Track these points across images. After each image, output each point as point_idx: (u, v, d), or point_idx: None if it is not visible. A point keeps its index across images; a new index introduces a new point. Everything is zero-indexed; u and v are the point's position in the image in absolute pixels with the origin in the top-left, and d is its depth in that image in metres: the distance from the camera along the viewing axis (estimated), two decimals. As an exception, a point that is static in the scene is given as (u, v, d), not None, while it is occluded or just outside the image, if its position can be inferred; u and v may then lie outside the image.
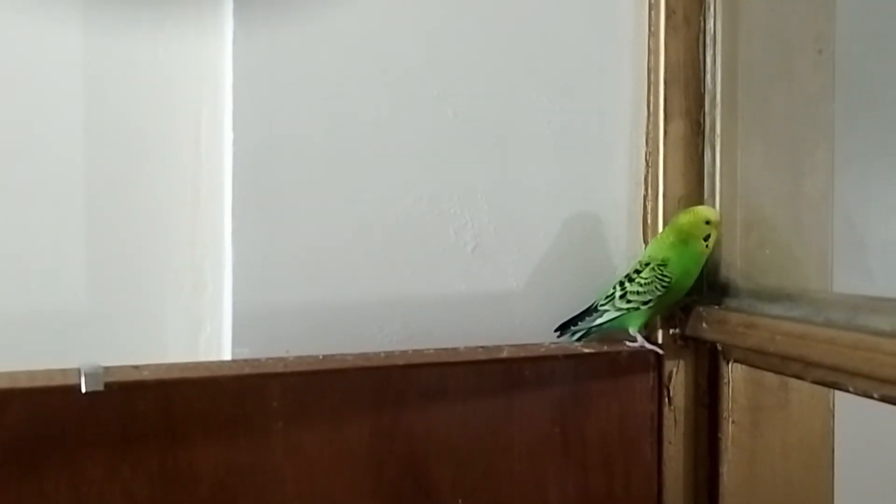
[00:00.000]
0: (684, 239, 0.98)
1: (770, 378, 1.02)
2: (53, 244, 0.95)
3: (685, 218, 0.99)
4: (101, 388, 0.76)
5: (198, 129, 0.98)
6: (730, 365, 1.02)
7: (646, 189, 1.07)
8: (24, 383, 0.76)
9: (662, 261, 0.97)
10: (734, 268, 1.03)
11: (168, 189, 0.98)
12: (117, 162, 0.96)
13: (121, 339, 0.97)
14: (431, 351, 0.94)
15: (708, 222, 0.98)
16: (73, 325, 0.95)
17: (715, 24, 1.03)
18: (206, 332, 1.00)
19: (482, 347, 0.97)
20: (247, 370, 0.84)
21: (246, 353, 0.93)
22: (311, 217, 0.96)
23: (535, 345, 1.00)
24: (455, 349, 0.96)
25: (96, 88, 0.95)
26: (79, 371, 0.79)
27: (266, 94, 0.95)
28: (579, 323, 1.01)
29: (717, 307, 1.00)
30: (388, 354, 0.92)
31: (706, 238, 0.98)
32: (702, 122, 1.05)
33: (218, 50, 0.98)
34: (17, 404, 0.74)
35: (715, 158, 1.04)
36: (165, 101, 0.97)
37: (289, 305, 0.96)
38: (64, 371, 0.80)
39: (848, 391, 0.81)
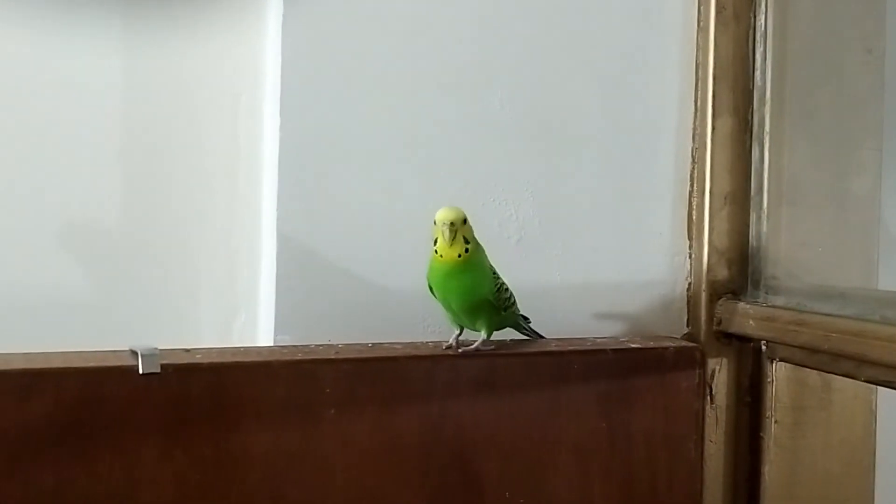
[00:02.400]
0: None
1: (814, 377, 1.02)
2: (90, 231, 0.94)
3: None
4: (157, 369, 0.75)
5: (236, 118, 0.98)
6: (774, 364, 1.01)
7: (691, 185, 1.07)
8: (77, 363, 0.75)
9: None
10: (779, 265, 1.03)
11: (204, 178, 0.97)
12: (154, 150, 0.96)
13: (156, 324, 0.97)
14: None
15: (435, 223, 0.84)
16: (106, 310, 0.94)
17: (766, 20, 1.03)
18: (241, 319, 0.99)
19: (529, 340, 0.96)
20: (299, 356, 0.83)
21: (287, 341, 0.93)
22: (354, 206, 0.96)
23: (581, 339, 0.99)
24: (503, 341, 0.95)
25: (135, 78, 0.95)
26: (132, 352, 0.78)
27: (313, 82, 0.94)
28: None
29: (763, 305, 1.00)
30: (437, 344, 0.91)
31: (435, 242, 0.84)
32: (750, 118, 1.04)
33: (258, 37, 0.98)
34: (73, 384, 0.74)
35: (763, 155, 1.03)
36: (203, 90, 0.97)
37: (330, 295, 0.95)
38: (115, 353, 0.80)
39: (902, 389, 0.81)
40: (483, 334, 0.88)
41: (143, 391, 0.75)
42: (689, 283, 1.07)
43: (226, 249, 0.98)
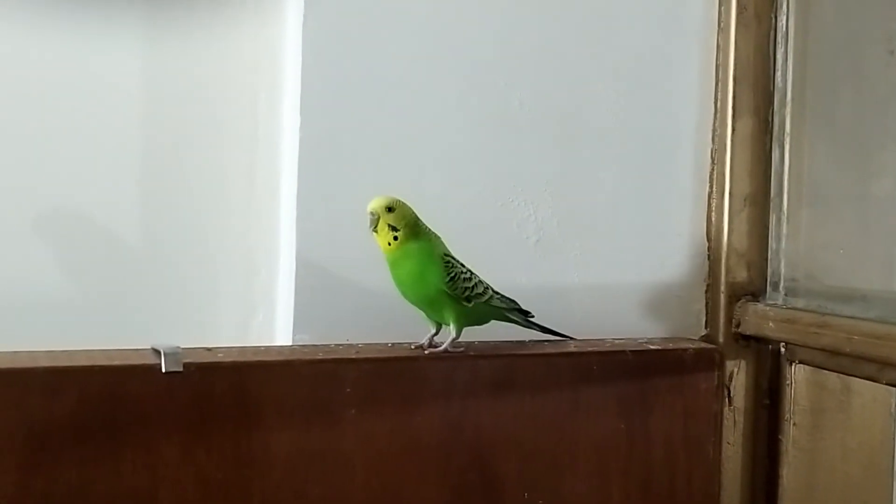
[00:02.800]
0: None
1: (833, 380, 1.01)
2: (109, 230, 0.94)
3: None
4: (180, 368, 0.75)
5: (255, 116, 0.98)
6: (793, 366, 1.01)
7: (710, 186, 1.07)
8: (101, 361, 0.75)
9: None
10: (799, 267, 1.02)
11: (222, 177, 0.98)
12: (173, 149, 0.96)
13: (174, 324, 0.97)
14: (498, 343, 0.93)
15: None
16: (125, 309, 0.95)
17: (787, 21, 1.03)
18: (258, 318, 0.99)
19: (548, 341, 0.96)
20: (320, 355, 0.83)
21: (306, 340, 0.93)
22: (374, 206, 0.96)
23: (600, 340, 0.99)
24: (521, 342, 0.95)
25: (154, 77, 0.95)
26: (154, 351, 0.79)
27: (333, 82, 0.94)
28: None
29: (783, 307, 0.99)
30: (456, 343, 0.91)
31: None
32: (770, 120, 1.04)
33: (277, 35, 0.98)
34: (97, 382, 0.74)
35: (784, 157, 1.03)
36: (222, 88, 0.97)
37: (349, 294, 0.95)
38: (138, 351, 0.80)
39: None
40: (452, 332, 0.87)
41: (166, 390, 0.76)
42: (708, 285, 1.07)
43: (244, 249, 0.99)
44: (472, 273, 0.88)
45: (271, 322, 0.99)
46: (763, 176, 1.04)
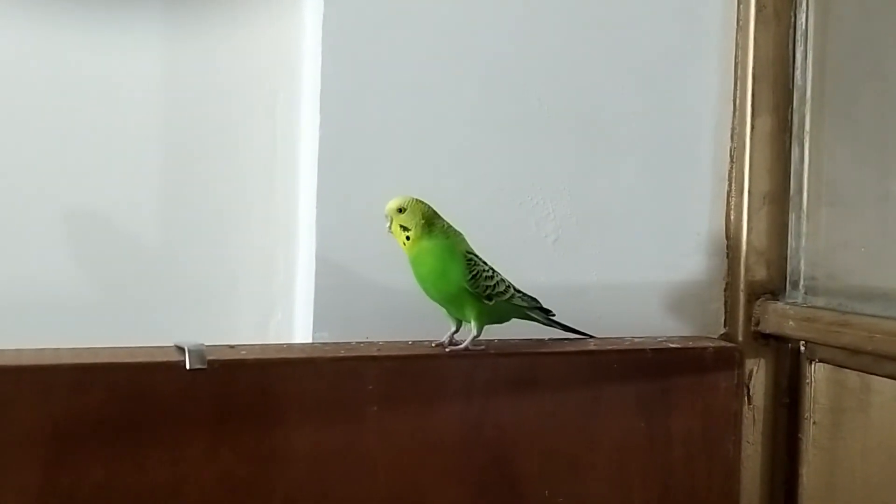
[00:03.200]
0: None
1: (853, 379, 1.01)
2: (127, 228, 0.95)
3: None
4: (204, 365, 0.75)
5: (273, 115, 0.98)
6: (813, 365, 1.00)
7: (729, 185, 1.06)
8: (126, 359, 0.76)
9: None
10: (818, 266, 1.02)
11: (241, 177, 0.98)
12: (191, 149, 0.96)
13: (193, 322, 0.97)
14: (518, 341, 0.93)
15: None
16: (143, 309, 0.95)
17: (806, 19, 1.02)
18: (276, 317, 1.00)
19: (568, 339, 0.96)
20: (342, 353, 0.83)
21: (326, 338, 0.93)
22: (393, 204, 0.96)
23: (620, 338, 0.99)
24: (541, 340, 0.95)
25: (173, 76, 0.95)
26: (178, 348, 0.79)
27: (352, 80, 0.94)
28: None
29: (803, 305, 0.99)
30: (476, 342, 0.91)
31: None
32: (790, 118, 1.04)
33: (295, 36, 0.98)
34: (122, 378, 0.74)
35: (803, 155, 1.02)
36: (240, 88, 0.98)
37: (368, 292, 0.95)
38: (161, 348, 0.80)
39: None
40: (473, 330, 0.87)
41: (190, 387, 0.76)
42: (727, 283, 1.07)
43: (262, 248, 0.99)
44: (494, 271, 0.88)
45: (290, 321, 1.00)
46: (782, 174, 1.04)
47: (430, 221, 0.85)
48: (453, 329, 0.89)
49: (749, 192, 1.04)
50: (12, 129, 0.91)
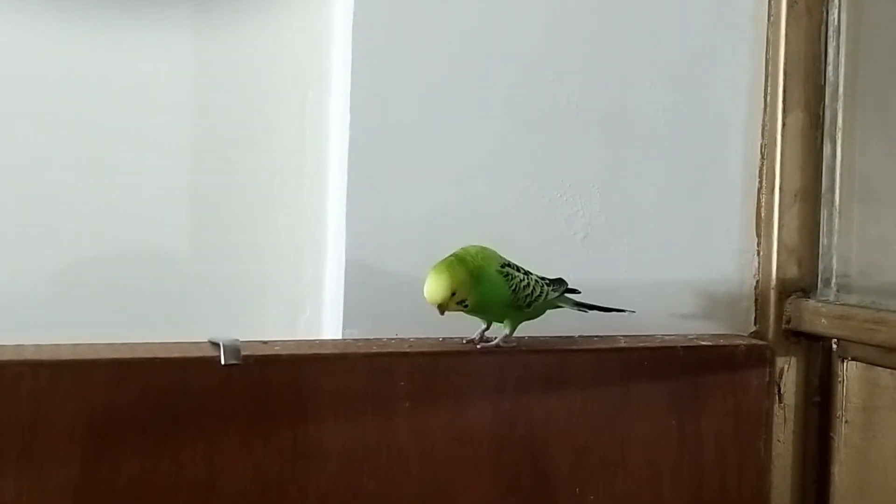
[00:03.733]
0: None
1: (885, 377, 1.00)
2: (157, 226, 0.95)
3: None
4: (239, 361, 0.76)
5: (302, 114, 0.99)
6: (845, 363, 0.99)
7: (760, 182, 1.06)
8: (161, 353, 0.76)
9: None
10: (851, 263, 1.01)
11: (270, 175, 0.98)
12: (221, 148, 0.97)
13: (221, 319, 0.98)
14: (549, 338, 0.93)
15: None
16: (172, 306, 0.96)
17: (839, 14, 1.01)
18: (305, 314, 1.00)
19: (598, 336, 0.96)
20: (374, 349, 0.84)
21: (356, 334, 0.93)
22: (422, 202, 0.96)
23: (650, 336, 0.98)
24: (570, 337, 0.95)
25: (203, 76, 0.96)
26: (213, 344, 0.79)
27: (383, 78, 0.95)
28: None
29: (835, 303, 0.98)
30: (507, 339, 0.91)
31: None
32: (821, 114, 1.03)
33: (325, 35, 0.98)
34: (157, 374, 0.75)
35: (835, 152, 1.02)
36: (270, 87, 0.98)
37: (398, 289, 0.95)
38: (196, 344, 0.81)
39: None
40: (506, 330, 0.87)
41: (225, 382, 0.76)
42: (757, 281, 1.06)
43: (291, 245, 0.99)
44: (526, 275, 0.87)
45: (318, 318, 1.00)
46: (814, 171, 1.03)
47: (472, 276, 0.82)
48: (484, 326, 0.89)
49: (780, 188, 1.03)
50: (44, 130, 0.92)
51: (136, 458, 0.74)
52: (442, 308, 0.81)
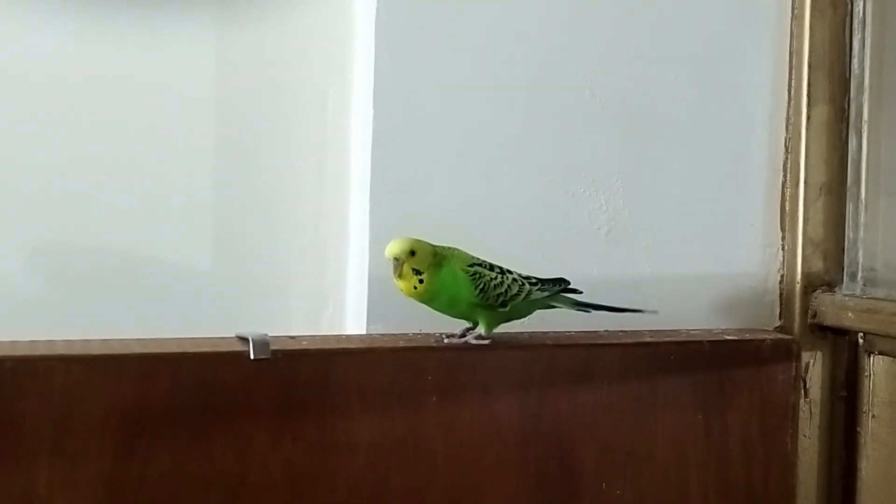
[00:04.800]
0: None
1: (913, 371, 0.99)
2: (182, 223, 0.96)
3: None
4: (268, 355, 0.76)
5: (324, 112, 0.99)
6: (872, 357, 0.99)
7: (784, 176, 1.05)
8: (191, 348, 0.77)
9: None
10: (877, 257, 1.00)
11: (292, 172, 0.98)
12: (244, 144, 0.97)
13: (245, 316, 0.98)
14: (575, 332, 0.93)
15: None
16: (195, 302, 0.96)
17: (864, 7, 1.01)
18: (328, 310, 1.00)
19: (623, 331, 0.96)
20: (401, 343, 0.84)
21: (380, 330, 0.93)
22: (445, 197, 0.96)
23: (675, 330, 0.98)
24: (595, 332, 0.95)
25: (226, 75, 0.96)
26: (241, 339, 0.80)
27: (405, 73, 0.95)
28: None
29: (862, 297, 0.98)
30: (533, 335, 0.91)
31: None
32: (846, 107, 1.02)
33: (346, 33, 0.98)
34: (187, 369, 0.75)
35: (861, 145, 1.01)
36: (292, 83, 0.98)
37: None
38: (225, 339, 0.81)
39: None
40: (481, 329, 0.85)
41: (254, 376, 0.77)
42: (782, 275, 1.05)
43: (314, 242, 0.99)
44: (503, 275, 0.85)
45: (341, 314, 1.00)
46: (839, 164, 1.02)
47: (434, 256, 0.82)
48: (469, 325, 0.88)
49: (805, 182, 1.03)
50: (71, 130, 0.92)
51: (167, 451, 0.74)
52: (399, 263, 0.81)
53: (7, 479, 0.70)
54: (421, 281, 0.82)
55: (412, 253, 0.81)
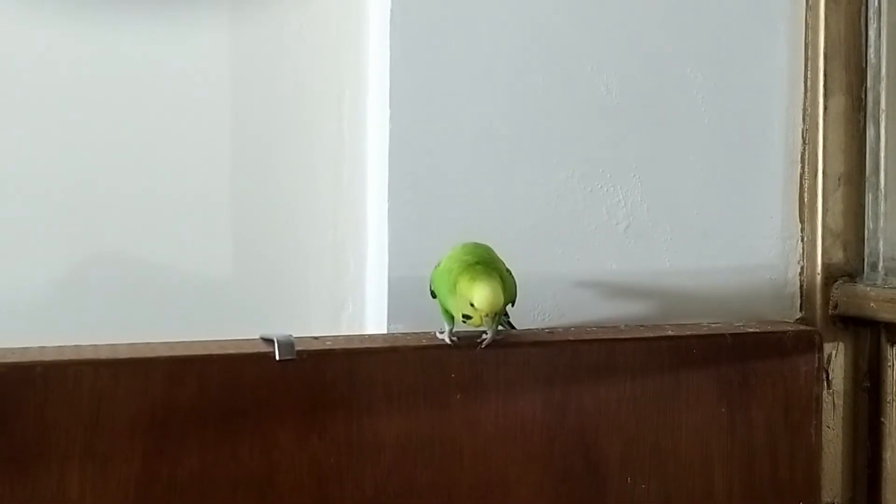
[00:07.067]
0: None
1: (936, 361, 0.99)
2: (200, 225, 0.96)
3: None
4: (293, 356, 0.76)
5: (340, 111, 0.99)
6: (894, 347, 0.98)
7: (802, 167, 1.05)
8: (217, 350, 0.77)
9: None
10: (898, 247, 1.00)
11: (310, 171, 0.99)
12: (260, 145, 0.98)
13: (265, 318, 0.98)
14: (596, 328, 0.93)
15: (473, 305, 0.78)
16: (212, 304, 0.96)
17: (879, -4, 1.01)
18: (348, 310, 1.01)
19: (643, 325, 0.96)
20: (424, 342, 0.84)
21: (401, 329, 0.94)
22: (464, 195, 0.96)
23: (696, 323, 0.98)
24: (616, 327, 0.95)
25: (240, 70, 0.97)
26: (265, 340, 0.80)
27: (421, 72, 0.95)
28: None
29: (883, 286, 0.97)
30: (554, 330, 0.91)
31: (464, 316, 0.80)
32: (864, 97, 1.02)
33: (361, 32, 0.99)
34: (214, 371, 0.76)
35: (879, 134, 1.01)
36: (307, 85, 0.99)
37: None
38: (249, 340, 0.82)
39: None
40: (494, 326, 0.83)
41: (280, 377, 0.77)
42: (802, 267, 1.05)
43: (332, 242, 1.00)
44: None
45: (361, 314, 1.01)
46: (857, 154, 1.02)
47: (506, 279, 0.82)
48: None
49: (823, 173, 1.02)
50: (88, 129, 0.92)
51: (196, 453, 0.75)
52: (490, 317, 0.78)
53: (40, 483, 0.71)
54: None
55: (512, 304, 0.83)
